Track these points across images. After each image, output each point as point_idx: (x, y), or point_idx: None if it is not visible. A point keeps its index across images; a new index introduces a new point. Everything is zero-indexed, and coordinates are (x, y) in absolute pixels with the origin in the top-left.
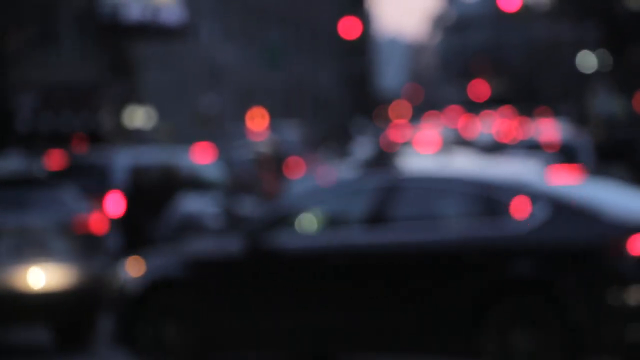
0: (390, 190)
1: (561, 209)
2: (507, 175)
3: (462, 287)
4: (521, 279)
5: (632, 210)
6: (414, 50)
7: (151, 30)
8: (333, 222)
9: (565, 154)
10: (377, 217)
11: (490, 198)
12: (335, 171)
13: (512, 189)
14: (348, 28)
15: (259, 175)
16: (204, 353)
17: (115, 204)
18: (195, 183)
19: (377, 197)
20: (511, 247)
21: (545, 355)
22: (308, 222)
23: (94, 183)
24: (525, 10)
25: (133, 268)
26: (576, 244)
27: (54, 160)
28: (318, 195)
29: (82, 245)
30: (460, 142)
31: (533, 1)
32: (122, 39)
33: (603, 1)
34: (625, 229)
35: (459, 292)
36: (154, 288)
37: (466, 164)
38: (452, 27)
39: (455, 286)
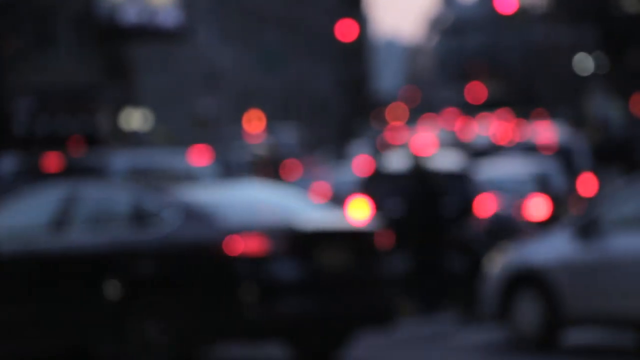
0: (68, 199)
1: (190, 215)
2: (154, 185)
3: (109, 284)
4: (145, 278)
5: (245, 213)
6: (411, 53)
7: (148, 33)
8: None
9: (562, 156)
10: (57, 223)
11: (140, 206)
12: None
13: (157, 198)
14: (345, 31)
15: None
16: None
17: None
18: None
19: (58, 205)
20: (146, 250)
21: (175, 342)
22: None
23: None
24: (522, 12)
25: None
26: (197, 245)
27: (51, 162)
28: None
29: None
30: (457, 144)
31: (530, 4)
32: (119, 42)
33: (600, 4)
34: (228, 231)
35: (108, 288)
36: None
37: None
38: (449, 30)
39: (104, 283)
